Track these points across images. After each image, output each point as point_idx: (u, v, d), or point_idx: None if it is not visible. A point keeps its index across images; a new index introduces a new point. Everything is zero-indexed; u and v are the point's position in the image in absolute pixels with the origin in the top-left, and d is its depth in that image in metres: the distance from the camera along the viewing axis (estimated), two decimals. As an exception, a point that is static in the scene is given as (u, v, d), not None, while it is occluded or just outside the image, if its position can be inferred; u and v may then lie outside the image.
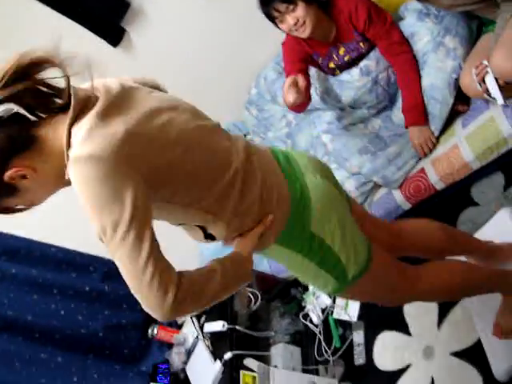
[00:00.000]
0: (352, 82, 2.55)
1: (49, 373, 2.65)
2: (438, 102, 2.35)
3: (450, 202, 2.52)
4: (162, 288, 1.27)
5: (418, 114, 2.42)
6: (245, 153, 1.52)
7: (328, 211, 1.58)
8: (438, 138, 2.41)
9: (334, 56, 2.53)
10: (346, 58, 2.51)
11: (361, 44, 2.46)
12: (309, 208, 1.54)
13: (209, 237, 1.55)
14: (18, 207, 1.44)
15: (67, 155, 1.28)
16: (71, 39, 2.96)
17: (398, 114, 2.55)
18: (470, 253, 2.14)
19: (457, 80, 2.31)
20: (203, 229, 1.52)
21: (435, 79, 2.35)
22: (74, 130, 1.29)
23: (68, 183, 1.35)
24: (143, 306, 1.30)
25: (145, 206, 1.28)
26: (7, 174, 1.30)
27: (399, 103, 2.53)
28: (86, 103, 1.32)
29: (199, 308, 1.40)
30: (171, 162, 1.35)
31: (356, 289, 1.68)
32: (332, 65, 2.56)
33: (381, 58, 2.46)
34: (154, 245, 1.29)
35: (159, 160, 1.33)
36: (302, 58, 2.55)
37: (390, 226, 2.06)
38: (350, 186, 2.58)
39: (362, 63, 2.49)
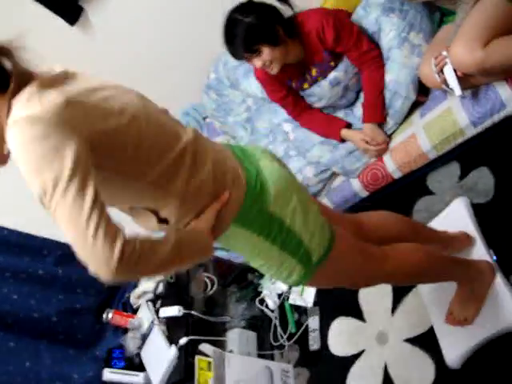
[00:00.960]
0: (322, 94, 2.54)
1: (0, 358, 2.60)
2: (400, 96, 2.38)
3: (405, 191, 2.55)
4: (108, 240, 1.20)
5: (376, 111, 2.44)
6: (194, 134, 1.50)
7: (287, 192, 1.57)
8: (394, 132, 2.45)
9: (308, 77, 2.51)
10: (318, 78, 2.50)
11: (331, 63, 2.44)
12: (265, 188, 1.53)
13: (162, 221, 1.51)
14: None
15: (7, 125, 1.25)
16: (28, 16, 2.91)
17: (360, 107, 2.56)
18: (429, 243, 2.16)
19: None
20: (155, 213, 1.49)
21: (399, 75, 2.37)
22: (14, 101, 1.26)
23: (6, 160, 1.36)
24: (89, 266, 1.21)
25: (87, 164, 1.23)
26: None
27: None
28: (28, 78, 1.30)
29: (148, 271, 1.31)
30: (116, 130, 1.32)
31: (321, 274, 1.66)
32: (306, 85, 2.55)
33: (349, 67, 2.45)
34: (98, 199, 1.22)
35: (102, 126, 1.30)
36: (280, 82, 2.55)
37: (351, 219, 2.06)
38: (308, 172, 2.60)
39: (331, 75, 2.46)
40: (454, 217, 2.31)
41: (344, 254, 1.70)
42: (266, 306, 2.96)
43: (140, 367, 2.75)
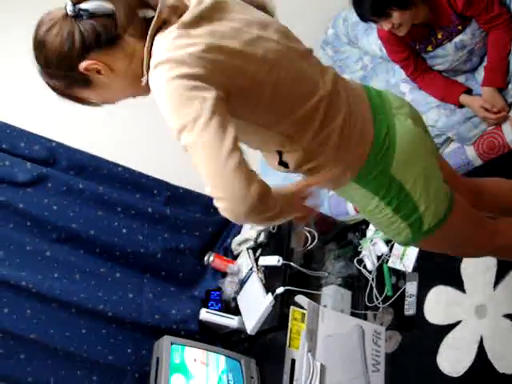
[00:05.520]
0: (446, 57, 2.45)
1: (106, 287, 2.74)
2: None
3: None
4: (247, 179, 1.22)
5: (498, 75, 2.34)
6: (332, 84, 1.49)
7: (413, 157, 1.53)
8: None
9: (433, 39, 2.43)
10: (444, 42, 2.42)
11: (459, 27, 2.35)
12: (392, 150, 1.49)
13: (282, 164, 1.54)
14: (91, 100, 1.50)
15: (148, 62, 1.31)
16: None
17: (482, 73, 2.46)
18: None
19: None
20: (280, 154, 1.52)
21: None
22: (158, 38, 1.32)
23: (143, 92, 1.42)
24: (222, 203, 1.25)
25: (225, 108, 1.26)
26: (83, 65, 1.37)
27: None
28: (172, 12, 1.34)
29: (268, 219, 1.32)
30: (254, 79, 1.35)
31: (428, 240, 1.64)
32: (430, 48, 2.47)
33: (476, 30, 2.35)
34: (237, 139, 1.25)
35: (242, 74, 1.33)
36: (403, 43, 2.49)
37: (471, 182, 2.01)
38: (422, 136, 2.54)
39: (457, 38, 2.38)
40: None
41: (456, 225, 1.65)
42: (364, 267, 2.94)
43: (235, 311, 2.82)
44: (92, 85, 1.43)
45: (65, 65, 1.38)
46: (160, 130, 1.57)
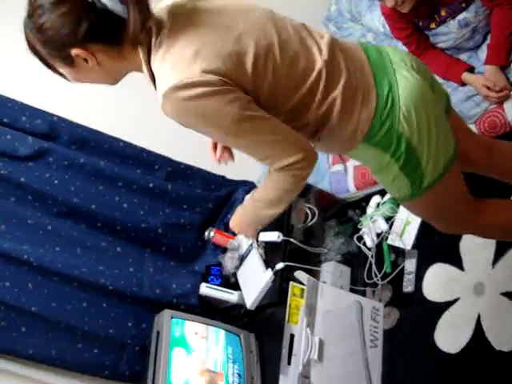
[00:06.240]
0: (449, 34, 2.44)
1: (107, 261, 2.75)
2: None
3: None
4: (302, 136, 1.48)
5: (501, 53, 2.33)
6: (329, 52, 1.52)
7: (419, 110, 1.53)
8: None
9: (436, 17, 2.41)
10: (447, 19, 2.40)
11: (463, 4, 2.33)
12: (397, 107, 1.51)
13: None
14: (63, 74, 1.52)
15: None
16: None
17: (485, 51, 2.45)
18: None
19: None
20: None
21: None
22: (154, 57, 1.41)
23: (110, 83, 1.54)
24: (285, 150, 1.45)
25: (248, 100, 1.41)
26: (75, 51, 1.39)
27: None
28: (157, 31, 1.41)
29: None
30: (253, 75, 1.41)
31: (422, 202, 1.68)
32: (433, 25, 2.45)
33: (480, 8, 2.33)
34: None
35: (241, 74, 1.40)
36: (406, 19, 2.46)
37: (484, 139, 2.03)
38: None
39: (461, 16, 2.36)
40: None
41: (450, 187, 1.69)
42: (364, 244, 2.96)
43: (235, 286, 2.84)
44: (73, 66, 1.45)
45: (59, 42, 1.39)
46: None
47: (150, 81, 1.45)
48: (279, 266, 2.64)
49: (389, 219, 2.89)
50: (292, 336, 2.32)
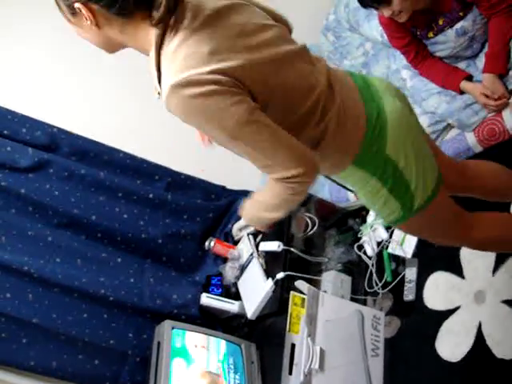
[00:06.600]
0: (447, 43, 2.45)
1: (108, 272, 2.75)
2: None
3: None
4: (307, 149, 1.45)
5: (498, 62, 2.34)
6: (326, 78, 1.55)
7: (404, 135, 1.59)
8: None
9: (434, 26, 2.43)
10: (445, 28, 2.41)
11: (460, 13, 2.34)
12: (385, 130, 1.55)
13: None
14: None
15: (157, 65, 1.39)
16: None
17: (483, 59, 2.46)
18: None
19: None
20: None
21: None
22: (166, 48, 1.38)
23: (104, 48, 1.52)
24: (298, 169, 1.42)
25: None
26: (78, 4, 1.38)
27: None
28: (178, 18, 1.38)
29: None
30: (266, 82, 1.43)
31: (416, 221, 1.70)
32: (431, 34, 2.47)
33: (477, 17, 2.35)
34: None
35: (255, 80, 1.40)
36: (404, 29, 2.48)
37: (454, 162, 2.05)
38: (422, 122, 2.53)
39: (459, 25, 2.37)
40: None
41: (442, 205, 1.72)
42: (364, 253, 2.96)
43: (236, 296, 2.84)
44: (74, 17, 1.44)
45: None
46: (162, 116, 1.58)
47: (153, 66, 1.42)
48: (280, 275, 2.64)
49: (389, 228, 2.90)
50: (293, 345, 2.32)
